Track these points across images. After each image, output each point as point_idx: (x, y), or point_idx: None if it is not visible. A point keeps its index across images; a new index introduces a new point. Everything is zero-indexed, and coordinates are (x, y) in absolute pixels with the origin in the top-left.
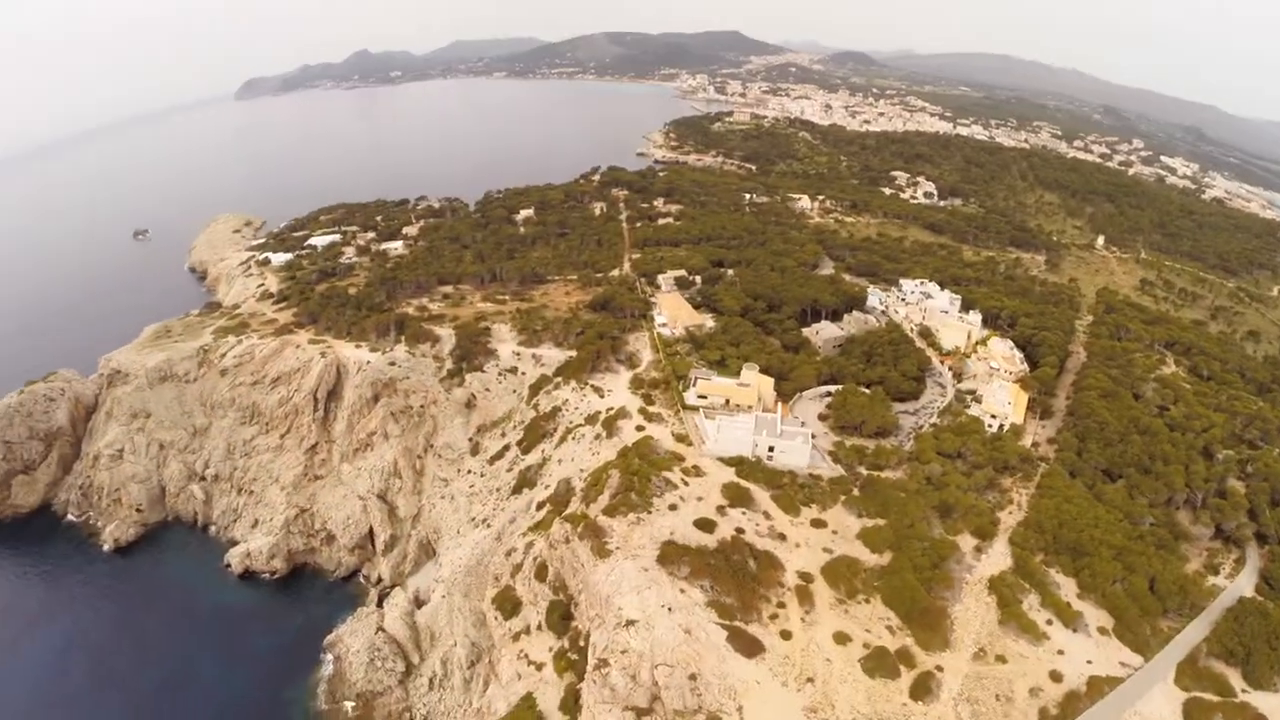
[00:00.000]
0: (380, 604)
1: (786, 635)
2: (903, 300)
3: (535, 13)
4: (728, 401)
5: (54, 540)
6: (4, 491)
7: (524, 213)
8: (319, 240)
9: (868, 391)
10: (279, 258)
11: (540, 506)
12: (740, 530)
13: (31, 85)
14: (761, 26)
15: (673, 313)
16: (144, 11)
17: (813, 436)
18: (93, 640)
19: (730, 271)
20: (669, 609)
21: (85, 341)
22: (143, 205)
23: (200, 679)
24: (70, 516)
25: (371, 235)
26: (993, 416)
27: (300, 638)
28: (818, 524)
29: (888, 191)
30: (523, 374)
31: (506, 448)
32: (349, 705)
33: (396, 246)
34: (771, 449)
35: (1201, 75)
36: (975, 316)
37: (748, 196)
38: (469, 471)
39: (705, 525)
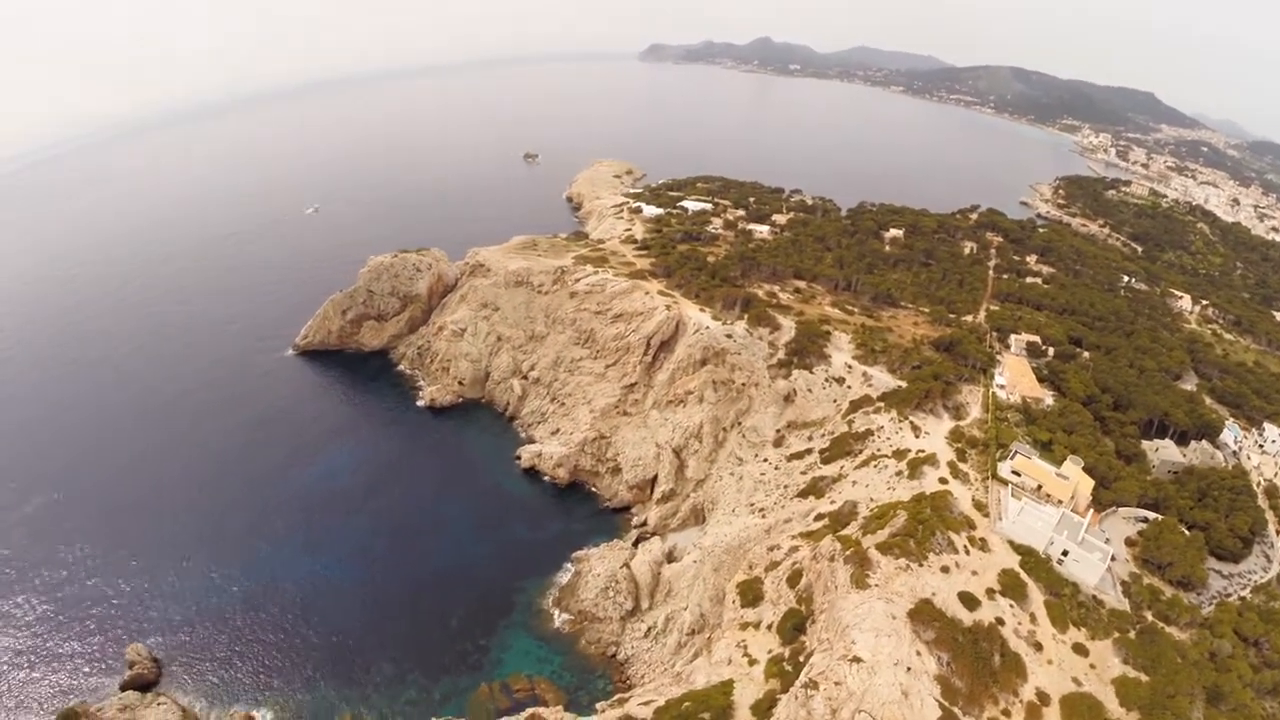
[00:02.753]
0: (635, 545)
1: None
2: (1260, 447)
3: (942, 34)
4: (1040, 487)
5: (380, 381)
6: (356, 329)
7: (893, 232)
8: (691, 204)
9: (1187, 534)
10: (650, 210)
11: (819, 518)
12: (1000, 621)
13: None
14: (1177, 94)
15: (1014, 377)
16: None
17: (1112, 558)
18: (382, 467)
19: (1086, 354)
20: (905, 668)
21: (460, 232)
22: (538, 132)
23: (456, 536)
24: (401, 367)
25: (741, 213)
26: None
27: (553, 542)
28: (1079, 650)
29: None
30: (848, 387)
31: (808, 451)
32: (566, 617)
33: (762, 230)
34: (1065, 553)
35: None
36: None
37: (1126, 279)
38: (765, 460)
39: (969, 601)
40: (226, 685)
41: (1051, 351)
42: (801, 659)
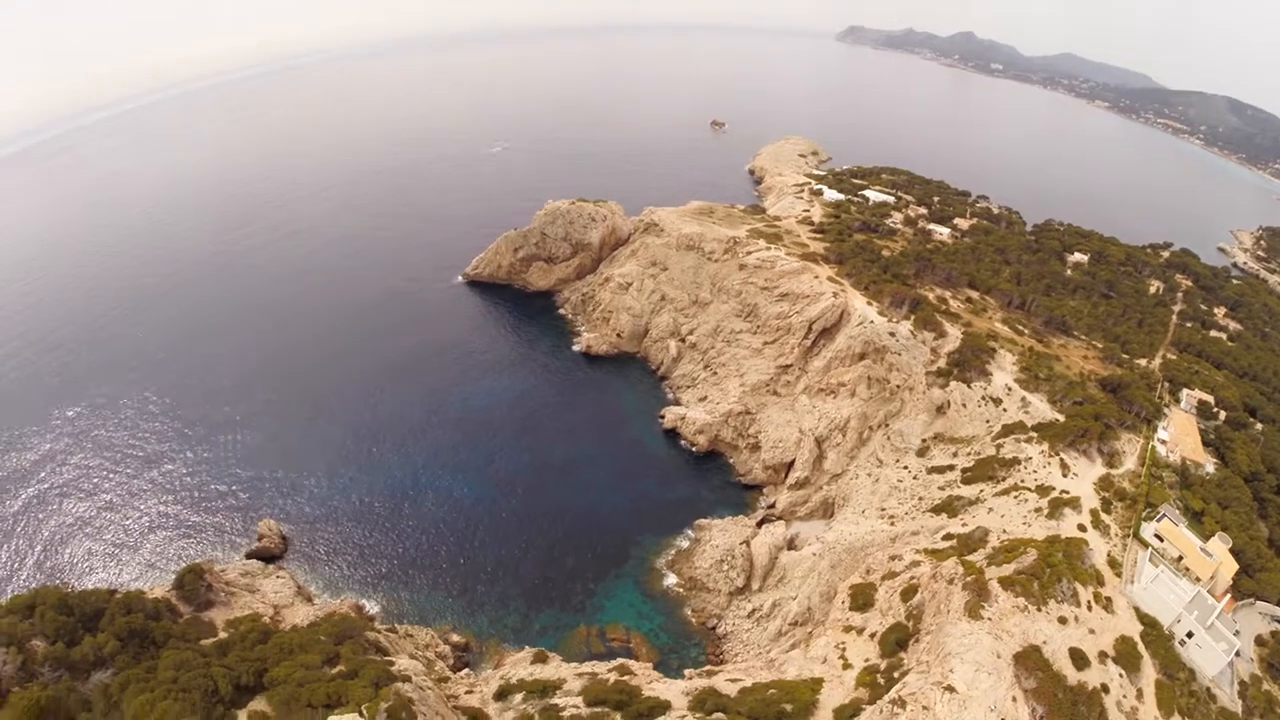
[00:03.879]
0: (759, 525)
1: None
2: None
3: (1156, 52)
4: (1180, 558)
5: (541, 320)
6: (524, 268)
7: (1077, 256)
8: (873, 195)
9: None
10: (831, 194)
11: (947, 538)
12: (1105, 689)
13: None
14: None
15: (1178, 434)
16: None
17: (1237, 653)
18: (532, 403)
19: (1259, 426)
20: (998, 714)
21: (638, 188)
22: (728, 101)
23: (589, 481)
24: (562, 311)
25: (923, 211)
26: None
27: (679, 506)
28: None
29: None
30: (1003, 409)
31: (951, 467)
32: (676, 580)
33: (943, 232)
34: (1190, 635)
35: None
36: None
37: None
38: (905, 468)
39: (1079, 659)
40: (344, 573)
41: (1223, 415)
42: (896, 675)
